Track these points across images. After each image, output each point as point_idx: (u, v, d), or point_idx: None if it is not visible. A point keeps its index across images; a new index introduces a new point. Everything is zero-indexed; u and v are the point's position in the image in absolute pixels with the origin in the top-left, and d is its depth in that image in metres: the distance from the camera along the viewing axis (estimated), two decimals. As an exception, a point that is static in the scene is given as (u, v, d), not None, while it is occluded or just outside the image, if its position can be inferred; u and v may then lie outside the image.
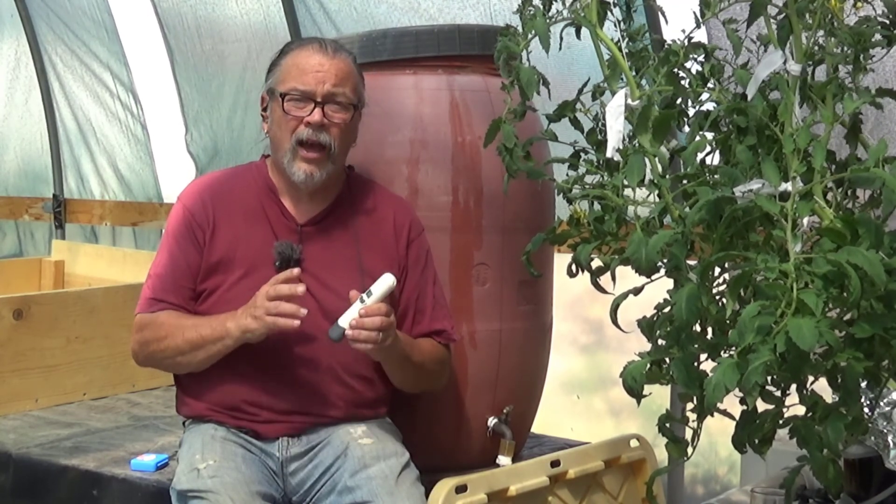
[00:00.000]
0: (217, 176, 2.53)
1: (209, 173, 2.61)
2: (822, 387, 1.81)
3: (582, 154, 2.18)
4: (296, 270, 2.22)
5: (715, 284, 1.89)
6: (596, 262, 2.09)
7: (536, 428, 2.84)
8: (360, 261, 2.39)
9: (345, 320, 2.23)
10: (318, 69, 2.33)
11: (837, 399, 1.77)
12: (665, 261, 1.86)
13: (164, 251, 2.41)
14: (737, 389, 1.62)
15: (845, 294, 1.62)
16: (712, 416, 1.83)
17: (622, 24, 2.12)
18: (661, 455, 2.37)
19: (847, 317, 1.70)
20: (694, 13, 2.01)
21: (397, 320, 2.37)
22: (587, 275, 2.11)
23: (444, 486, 2.26)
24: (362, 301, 2.23)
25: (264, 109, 2.42)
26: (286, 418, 2.34)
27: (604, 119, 2.03)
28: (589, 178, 2.11)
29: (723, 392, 1.62)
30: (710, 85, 2.03)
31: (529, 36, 2.04)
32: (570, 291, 3.05)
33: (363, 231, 2.42)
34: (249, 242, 2.38)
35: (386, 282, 2.26)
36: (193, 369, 2.35)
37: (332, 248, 2.40)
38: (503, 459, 2.58)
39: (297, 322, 2.19)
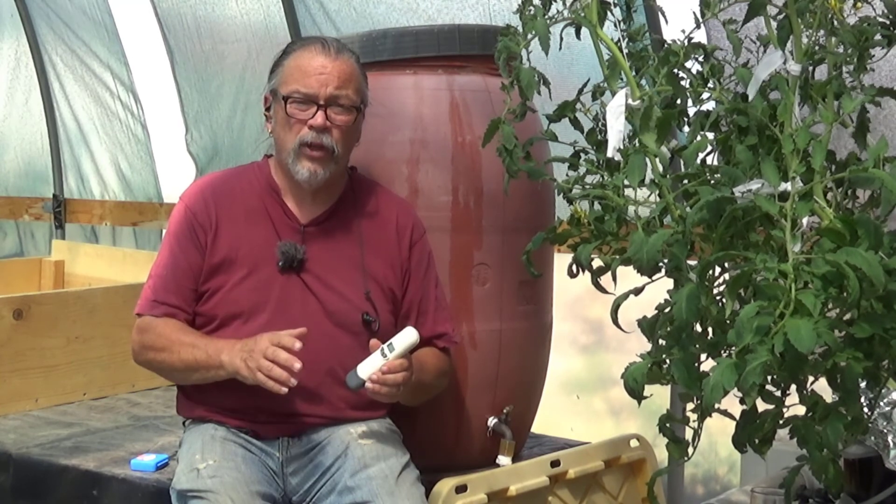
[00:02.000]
0: (219, 176, 2.53)
1: (211, 173, 2.61)
2: (822, 387, 1.81)
3: (582, 154, 2.18)
4: (297, 344, 2.17)
5: (715, 284, 1.89)
6: (596, 262, 2.09)
7: (536, 428, 2.84)
8: (362, 262, 2.39)
9: (364, 371, 2.20)
10: (320, 71, 2.32)
11: (837, 399, 1.77)
12: (665, 261, 1.86)
13: (165, 251, 2.41)
14: (737, 389, 1.62)
15: (844, 294, 1.62)
16: (711, 416, 1.83)
17: (622, 24, 2.12)
18: (661, 455, 2.37)
19: (847, 317, 1.70)
20: (694, 13, 2.01)
21: (399, 323, 2.39)
22: (587, 275, 2.10)
23: (444, 486, 2.26)
24: (384, 354, 2.20)
25: (267, 109, 2.42)
26: (286, 419, 2.34)
27: (604, 119, 2.03)
28: (589, 178, 2.11)
29: (721, 393, 1.61)
30: (710, 85, 2.02)
31: (529, 36, 2.04)
32: (570, 291, 3.04)
33: (366, 232, 2.42)
34: (252, 242, 2.37)
35: (409, 337, 2.23)
36: (188, 384, 2.38)
37: (334, 249, 2.40)
38: (503, 459, 2.58)
39: (284, 390, 2.17)
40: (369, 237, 2.42)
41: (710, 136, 1.97)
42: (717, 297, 1.87)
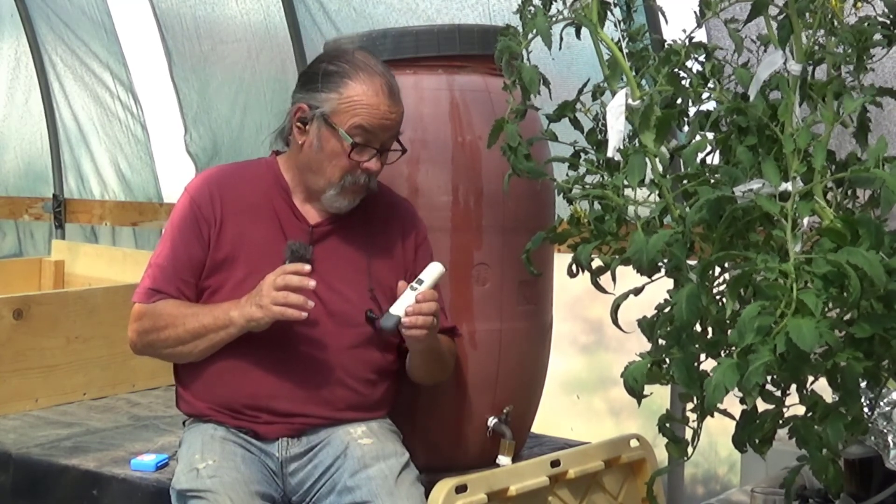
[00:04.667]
0: (226, 169, 2.51)
1: (218, 165, 2.60)
2: (822, 387, 1.81)
3: (582, 154, 2.18)
4: (307, 267, 2.22)
5: (715, 284, 1.89)
6: (596, 262, 2.09)
7: (536, 428, 2.84)
8: (368, 264, 2.39)
9: (398, 309, 2.26)
10: (386, 117, 2.32)
11: (837, 399, 1.77)
12: (665, 261, 1.86)
13: (166, 241, 2.40)
14: (737, 389, 1.62)
15: (845, 294, 1.62)
16: (712, 416, 1.83)
17: (622, 24, 2.12)
18: (661, 455, 2.37)
19: (847, 316, 1.70)
20: (694, 13, 2.01)
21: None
22: (587, 275, 2.11)
23: (444, 486, 2.26)
24: (413, 289, 2.27)
25: (301, 122, 2.35)
26: (286, 419, 2.34)
27: (604, 119, 2.03)
28: (589, 178, 2.11)
29: (723, 393, 1.62)
30: (710, 85, 2.02)
31: (530, 35, 2.04)
32: (570, 291, 3.04)
33: (373, 234, 2.43)
34: (256, 240, 2.37)
35: (436, 269, 2.32)
36: (194, 359, 2.34)
37: (341, 250, 2.40)
38: (503, 459, 2.58)
39: (304, 314, 2.20)
40: (376, 239, 2.42)
41: (710, 135, 1.97)
42: (718, 297, 1.87)
